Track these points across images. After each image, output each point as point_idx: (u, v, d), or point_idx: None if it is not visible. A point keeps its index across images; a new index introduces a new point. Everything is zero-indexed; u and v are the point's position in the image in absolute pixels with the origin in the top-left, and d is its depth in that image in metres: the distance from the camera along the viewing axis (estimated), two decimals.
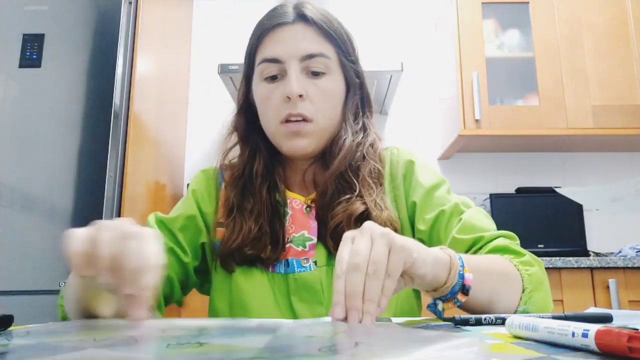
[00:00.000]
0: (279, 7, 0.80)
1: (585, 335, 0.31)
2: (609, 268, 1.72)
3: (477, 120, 2.06)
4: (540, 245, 2.04)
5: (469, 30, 2.16)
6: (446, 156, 2.39)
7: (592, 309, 0.65)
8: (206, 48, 2.52)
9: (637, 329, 0.29)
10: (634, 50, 2.12)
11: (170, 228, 0.79)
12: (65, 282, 0.69)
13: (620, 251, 1.97)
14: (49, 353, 0.35)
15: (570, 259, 1.72)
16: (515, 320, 0.39)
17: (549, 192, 2.13)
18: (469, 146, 2.29)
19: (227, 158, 0.85)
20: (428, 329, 0.45)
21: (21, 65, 1.68)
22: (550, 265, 1.70)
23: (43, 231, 1.56)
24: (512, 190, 2.26)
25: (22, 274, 1.53)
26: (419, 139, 2.42)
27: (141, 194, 1.80)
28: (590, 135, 2.09)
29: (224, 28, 2.54)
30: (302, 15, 0.78)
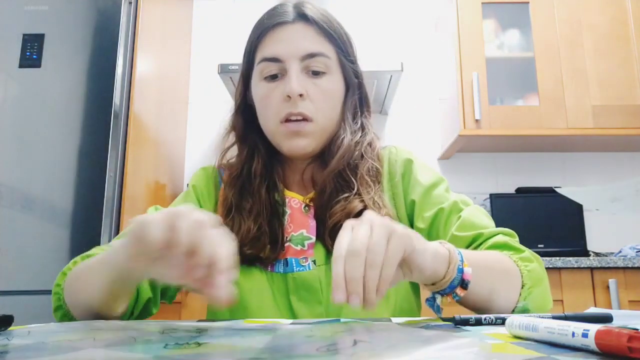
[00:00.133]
0: (279, 7, 0.80)
1: (585, 335, 0.31)
2: (609, 268, 1.72)
3: (477, 120, 2.06)
4: (540, 245, 2.04)
5: (469, 30, 2.16)
6: (446, 156, 2.38)
7: (592, 309, 0.64)
8: (206, 48, 2.52)
9: (637, 329, 0.29)
10: (634, 50, 2.12)
11: None
12: (66, 273, 0.67)
13: (620, 251, 1.97)
14: (49, 353, 0.35)
15: (570, 259, 1.72)
16: (515, 320, 0.39)
17: (549, 192, 2.13)
18: (469, 146, 2.29)
19: (225, 158, 0.85)
20: (428, 329, 0.45)
21: (21, 65, 1.68)
22: (550, 265, 1.70)
23: (43, 231, 1.56)
24: (512, 190, 2.26)
25: (22, 274, 1.53)
26: (419, 139, 2.42)
27: (141, 194, 1.80)
28: (590, 135, 2.09)
29: (224, 28, 2.54)
30: (303, 15, 0.78)
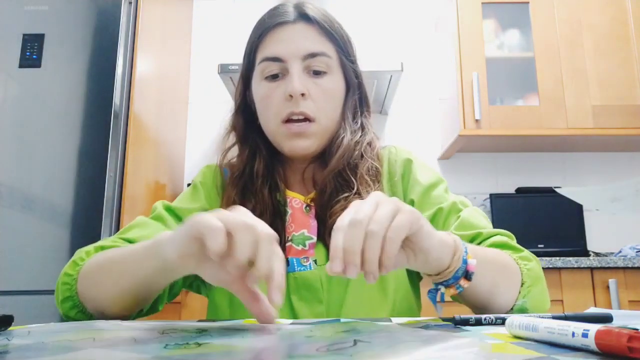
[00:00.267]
0: (280, 6, 0.80)
1: (585, 335, 0.31)
2: (609, 268, 1.72)
3: (477, 120, 2.06)
4: (540, 245, 2.04)
5: (469, 30, 2.16)
6: (446, 156, 2.38)
7: (592, 309, 0.64)
8: (206, 48, 2.52)
9: (637, 329, 0.29)
10: (634, 50, 2.12)
11: (183, 218, 0.78)
12: (78, 263, 0.65)
13: (620, 251, 1.97)
14: (49, 353, 0.35)
15: (570, 259, 1.72)
16: (515, 320, 0.39)
17: (549, 192, 2.13)
18: (469, 146, 2.29)
19: (226, 158, 0.85)
20: (428, 329, 0.45)
21: (21, 65, 1.68)
22: (550, 265, 1.70)
23: (43, 231, 1.56)
24: (512, 190, 2.26)
25: (22, 274, 1.53)
26: (419, 139, 2.42)
27: (141, 194, 1.80)
28: (590, 135, 2.09)
29: (224, 28, 2.54)
30: (304, 15, 0.78)
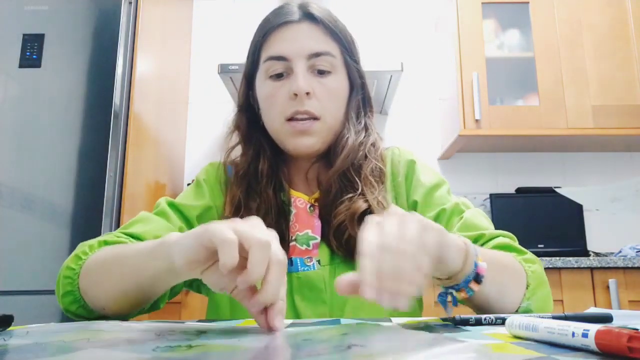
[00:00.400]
0: (285, 6, 0.81)
1: (585, 335, 0.31)
2: (609, 268, 1.72)
3: (477, 120, 2.05)
4: (540, 245, 2.04)
5: (469, 30, 2.16)
6: (446, 156, 2.38)
7: (592, 309, 0.64)
8: (206, 48, 2.52)
9: (637, 329, 0.29)
10: (634, 50, 2.12)
11: (187, 215, 0.78)
12: (81, 257, 0.63)
13: (620, 251, 1.97)
14: (49, 353, 0.35)
15: (570, 259, 1.72)
16: (515, 320, 0.39)
17: (549, 192, 2.13)
18: (469, 146, 2.29)
19: (230, 157, 0.85)
20: (428, 329, 0.45)
21: (21, 65, 1.68)
22: (550, 265, 1.70)
23: (43, 231, 1.56)
24: (512, 190, 2.26)
25: (22, 274, 1.53)
26: (419, 139, 2.42)
27: (141, 194, 1.80)
28: (590, 135, 2.09)
29: (224, 28, 2.54)
30: (309, 14, 0.79)
